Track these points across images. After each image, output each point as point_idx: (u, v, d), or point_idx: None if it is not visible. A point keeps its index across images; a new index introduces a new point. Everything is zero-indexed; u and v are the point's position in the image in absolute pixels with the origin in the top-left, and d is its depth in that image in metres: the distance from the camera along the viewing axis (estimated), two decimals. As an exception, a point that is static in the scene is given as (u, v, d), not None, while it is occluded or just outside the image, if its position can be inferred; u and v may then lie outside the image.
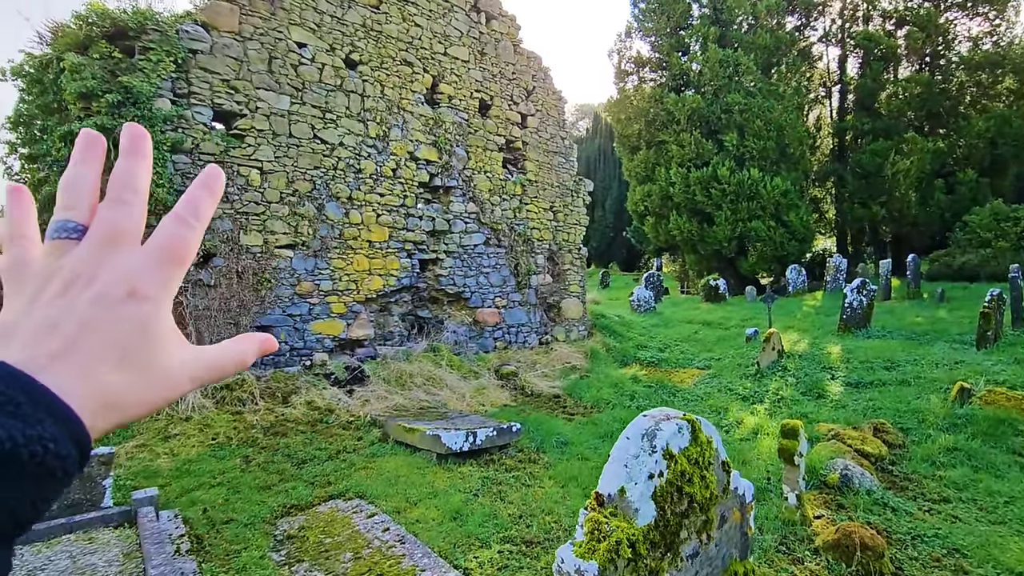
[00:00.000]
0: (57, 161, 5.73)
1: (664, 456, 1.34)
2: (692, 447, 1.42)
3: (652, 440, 1.36)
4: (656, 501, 1.30)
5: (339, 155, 7.58)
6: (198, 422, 5.52)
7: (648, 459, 1.32)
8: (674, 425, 1.41)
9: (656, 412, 1.51)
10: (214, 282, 6.46)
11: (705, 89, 18.54)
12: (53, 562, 3.14)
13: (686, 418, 1.47)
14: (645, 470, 1.29)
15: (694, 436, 1.45)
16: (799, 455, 4.11)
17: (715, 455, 1.52)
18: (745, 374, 8.42)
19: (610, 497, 1.33)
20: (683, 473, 1.37)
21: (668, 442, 1.36)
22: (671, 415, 1.48)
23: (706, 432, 1.51)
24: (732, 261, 19.06)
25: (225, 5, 6.59)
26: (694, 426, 1.47)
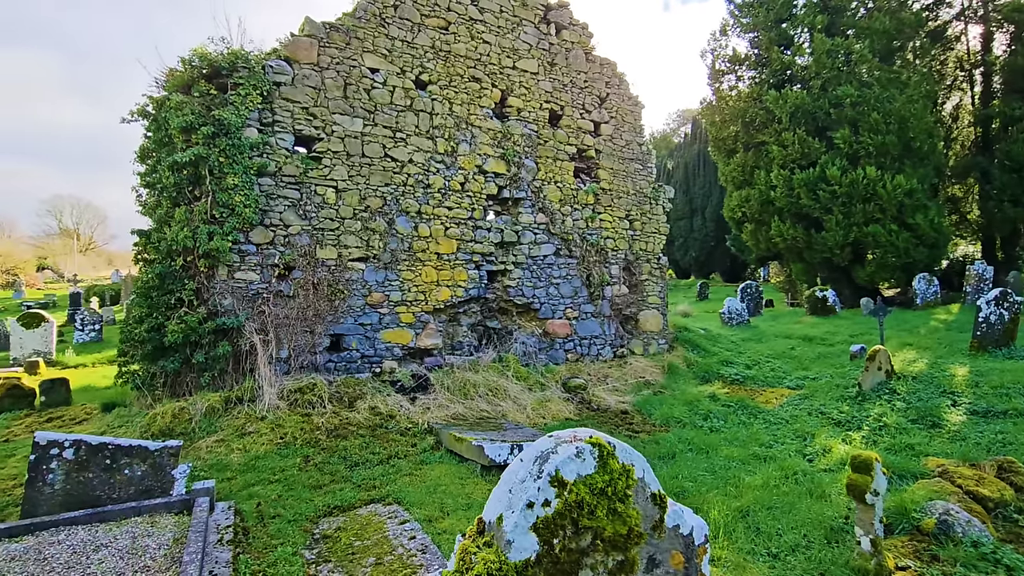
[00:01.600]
0: (165, 188, 6.57)
1: (552, 483, 1.18)
2: (598, 475, 1.24)
3: (543, 464, 1.21)
4: (539, 534, 1.15)
5: (408, 171, 7.92)
6: (271, 422, 5.99)
7: (531, 485, 1.17)
8: (572, 448, 1.24)
9: (565, 433, 1.34)
10: (293, 293, 7.00)
11: (811, 83, 16.97)
12: (117, 540, 3.53)
13: (592, 441, 1.29)
14: (525, 497, 1.15)
15: (602, 462, 1.26)
16: (873, 493, 3.53)
17: (637, 486, 1.31)
18: (843, 396, 7.47)
19: (489, 525, 1.20)
20: (580, 504, 1.19)
21: (559, 467, 1.20)
22: (579, 436, 1.31)
23: (623, 458, 1.31)
24: (846, 270, 17.12)
25: (305, 40, 7.21)
26: (603, 451, 1.28)
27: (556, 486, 1.18)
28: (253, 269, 6.78)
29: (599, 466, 1.25)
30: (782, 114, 16.55)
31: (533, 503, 1.15)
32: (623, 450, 1.31)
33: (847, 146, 15.63)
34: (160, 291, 6.44)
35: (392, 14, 7.85)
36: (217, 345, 6.41)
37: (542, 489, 1.16)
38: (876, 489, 3.54)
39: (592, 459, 1.24)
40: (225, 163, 6.49)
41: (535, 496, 1.15)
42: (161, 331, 6.33)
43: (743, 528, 4.12)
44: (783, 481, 4.98)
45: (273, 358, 6.72)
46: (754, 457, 5.75)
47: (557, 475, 1.19)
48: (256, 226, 6.80)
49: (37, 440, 3.86)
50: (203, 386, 6.43)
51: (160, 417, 5.77)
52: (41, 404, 7.53)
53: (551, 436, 1.34)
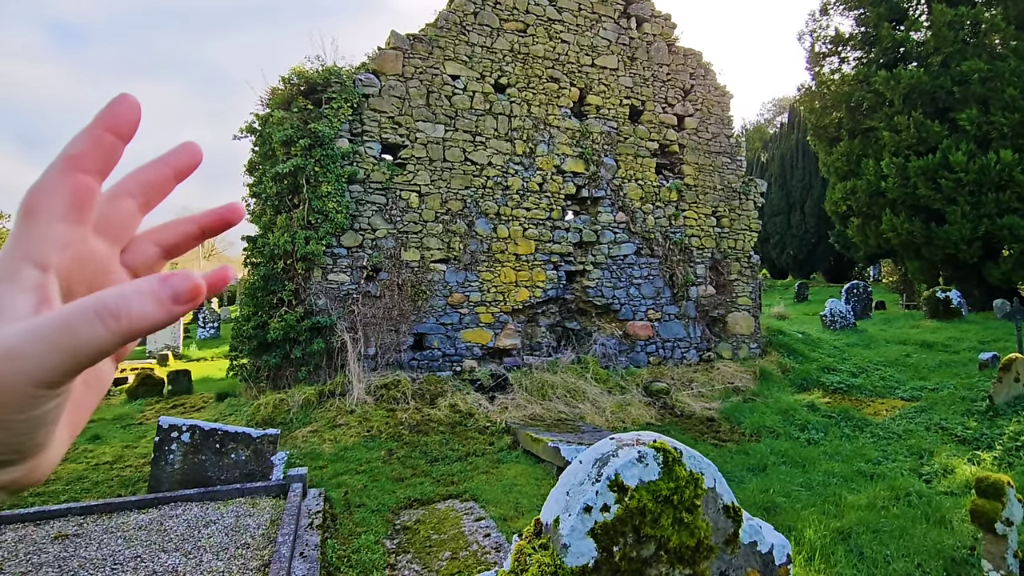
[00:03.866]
0: (269, 196, 7.17)
1: (611, 487, 1.12)
2: (662, 481, 1.16)
3: (602, 467, 1.15)
4: (598, 539, 1.09)
5: (488, 174, 8.05)
6: (359, 415, 6.32)
7: (589, 488, 1.12)
8: (633, 452, 1.17)
9: (627, 436, 1.28)
10: (379, 293, 7.36)
11: (930, 60, 15.20)
12: (224, 518, 3.89)
13: (656, 445, 1.21)
14: (582, 500, 1.10)
15: (667, 468, 1.18)
16: (1005, 522, 3.08)
17: (707, 496, 1.21)
18: (970, 411, 6.61)
19: (546, 527, 1.16)
20: (643, 511, 1.12)
21: (619, 471, 1.13)
22: (642, 440, 1.23)
23: (691, 466, 1.22)
24: (975, 268, 15.13)
25: (391, 52, 7.56)
26: (668, 456, 1.20)
27: (616, 491, 1.13)
28: (344, 271, 7.21)
29: (664, 472, 1.17)
30: (894, 96, 14.97)
31: (591, 507, 1.11)
32: (691, 457, 1.23)
33: (975, 128, 13.83)
34: (264, 292, 7.03)
35: (472, 21, 8.02)
36: (312, 342, 6.88)
37: (600, 493, 1.11)
38: (1009, 518, 3.09)
39: (656, 464, 1.17)
40: (320, 172, 6.95)
41: (593, 500, 1.10)
42: (264, 328, 6.90)
43: (843, 551, 3.76)
44: (893, 502, 4.49)
45: (361, 355, 7.10)
46: (858, 474, 5.24)
47: (617, 479, 1.13)
48: (347, 231, 7.22)
49: (160, 424, 4.34)
50: (300, 380, 6.92)
51: (263, 407, 6.29)
52: (168, 392, 8.48)
53: (612, 438, 1.28)
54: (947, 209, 14.25)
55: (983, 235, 13.93)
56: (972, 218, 13.84)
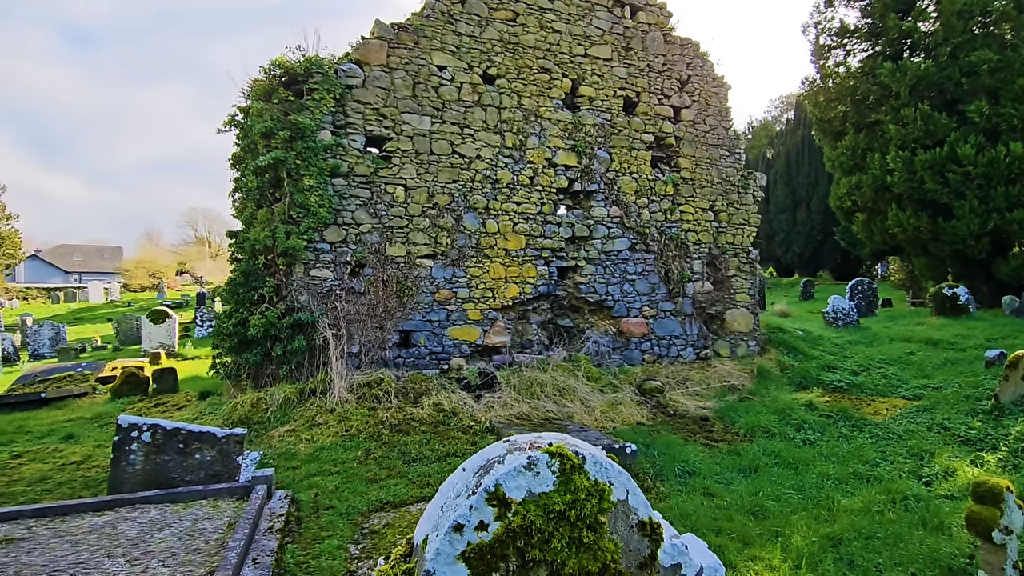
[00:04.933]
0: (250, 191, 7.01)
1: (489, 501, 0.93)
2: (557, 493, 0.96)
3: (483, 476, 0.95)
4: (471, 565, 0.89)
5: (476, 167, 7.85)
6: (339, 414, 6.15)
7: (463, 502, 0.92)
8: (521, 459, 0.97)
9: (524, 438, 1.08)
10: (363, 290, 7.19)
11: (937, 51, 14.83)
12: (181, 521, 3.72)
13: (552, 450, 1.01)
14: (453, 517, 0.90)
15: (563, 478, 0.98)
16: (1004, 531, 2.85)
17: (615, 510, 1.01)
18: (975, 410, 6.34)
19: (416, 549, 0.97)
20: (530, 529, 0.93)
21: (500, 482, 0.94)
22: (538, 443, 1.04)
23: (597, 475, 1.02)
24: (984, 264, 14.76)
25: (375, 42, 7.37)
26: (565, 463, 1.00)
27: (496, 505, 0.94)
28: (327, 267, 7.04)
29: (559, 483, 0.97)
30: (900, 88, 14.62)
31: (463, 526, 0.91)
32: (597, 464, 1.03)
33: (983, 120, 13.47)
34: (245, 288, 6.87)
35: (460, 10, 7.82)
36: (294, 339, 6.71)
37: (476, 508, 0.92)
38: (1008, 526, 2.86)
39: (549, 473, 0.98)
40: (301, 165, 6.78)
41: (465, 516, 0.91)
42: (245, 325, 6.74)
43: (832, 560, 3.54)
44: (889, 506, 4.26)
45: (345, 353, 6.93)
46: (854, 476, 5.00)
47: (498, 491, 0.94)
48: (330, 225, 7.05)
49: (120, 423, 4.18)
50: (282, 378, 6.76)
51: (240, 406, 6.14)
52: (153, 391, 8.35)
53: (507, 441, 1.09)
54: (955, 204, 13.89)
55: (992, 230, 13.57)
56: (980, 213, 13.49)
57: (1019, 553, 2.98)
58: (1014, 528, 2.87)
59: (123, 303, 33.58)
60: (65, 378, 8.95)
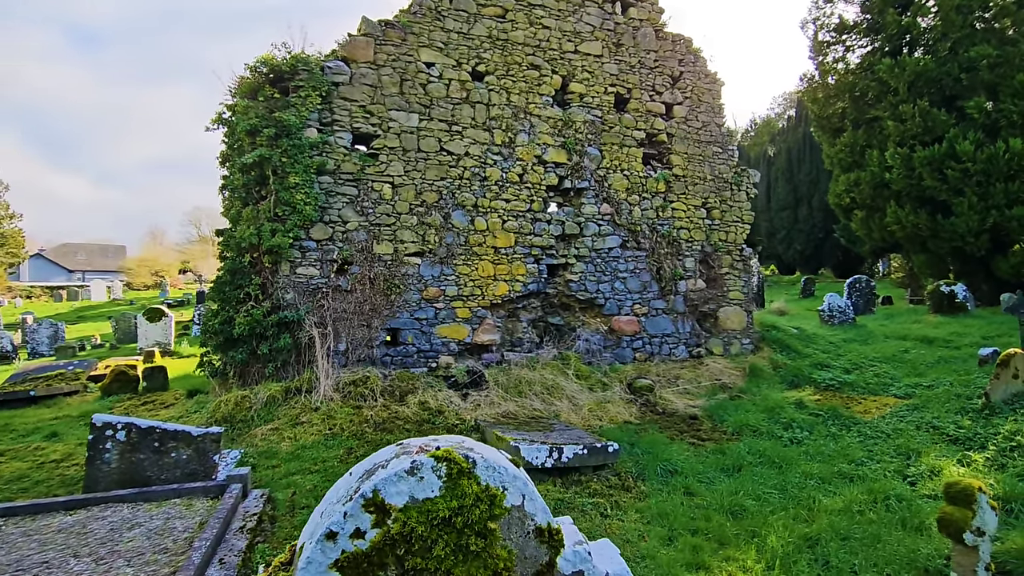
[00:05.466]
0: (236, 189, 6.99)
1: (366, 507, 0.89)
2: (443, 499, 0.92)
3: (363, 481, 0.92)
4: (345, 574, 0.86)
5: (465, 165, 7.81)
6: (324, 413, 6.13)
7: (339, 508, 0.88)
8: (405, 462, 0.93)
9: (417, 441, 1.04)
10: (350, 287, 7.16)
11: (937, 46, 14.70)
12: (152, 520, 3.70)
13: (440, 453, 0.97)
14: (326, 524, 0.87)
15: (450, 483, 0.95)
16: (975, 532, 2.80)
17: (507, 516, 0.97)
18: (965, 409, 6.27)
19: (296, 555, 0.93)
20: (410, 537, 0.89)
21: (379, 487, 0.90)
22: (428, 447, 1.00)
23: (488, 479, 0.98)
24: (983, 262, 14.63)
25: (362, 39, 7.33)
26: (453, 467, 0.96)
27: (374, 512, 0.90)
28: (313, 265, 7.01)
29: (446, 488, 0.94)
30: (899, 84, 14.50)
31: (336, 533, 0.88)
32: (490, 468, 0.99)
33: (983, 116, 13.34)
34: (231, 286, 6.85)
35: (448, 6, 7.78)
36: (279, 337, 6.70)
37: (351, 515, 0.88)
38: (980, 527, 2.81)
39: (435, 478, 0.94)
40: (287, 163, 6.75)
41: (339, 524, 0.87)
42: (231, 324, 6.72)
43: (807, 560, 3.49)
44: (870, 506, 4.21)
45: (331, 351, 6.91)
46: (838, 475, 4.95)
47: (375, 497, 0.90)
48: (316, 223, 7.02)
49: (94, 422, 4.17)
50: (267, 376, 6.75)
51: (224, 404, 6.12)
52: (143, 389, 8.36)
53: (400, 444, 1.05)
54: (954, 200, 13.77)
55: (991, 227, 13.44)
56: (980, 210, 13.36)
57: (992, 555, 2.93)
58: (986, 530, 2.82)
59: (125, 301, 33.72)
60: (56, 376, 8.96)
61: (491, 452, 1.05)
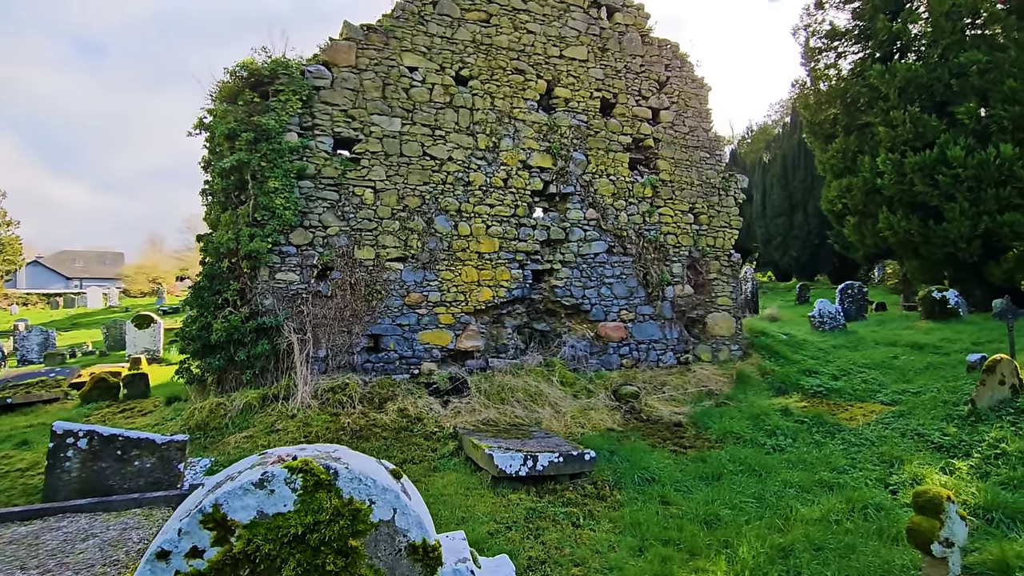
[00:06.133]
0: (215, 193, 6.93)
1: (205, 524, 0.81)
2: (296, 515, 0.85)
3: (211, 493, 0.84)
4: (181, 597, 0.78)
5: (448, 169, 7.76)
6: (300, 420, 6.04)
7: (175, 524, 0.81)
8: (254, 474, 0.86)
9: (283, 450, 0.97)
10: (331, 293, 7.09)
11: (927, 52, 14.73)
12: (108, 531, 3.61)
13: (296, 464, 0.90)
14: (159, 542, 0.79)
15: (306, 496, 0.87)
16: (944, 543, 2.71)
17: (376, 533, 0.90)
18: (951, 415, 6.18)
19: (138, 575, 0.86)
20: (255, 556, 0.82)
21: (221, 501, 0.83)
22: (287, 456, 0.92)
23: (352, 491, 0.90)
24: (976, 267, 14.58)
25: (344, 43, 7.30)
26: (309, 479, 0.88)
27: (214, 528, 0.82)
28: (293, 270, 6.94)
29: (300, 502, 0.86)
30: (889, 90, 14.50)
31: (169, 552, 0.80)
32: (354, 480, 0.91)
33: (973, 121, 13.33)
34: (209, 291, 6.78)
35: (431, 11, 7.76)
36: (258, 344, 6.61)
37: (188, 532, 0.81)
38: (948, 538, 2.72)
39: (288, 491, 0.86)
40: (266, 167, 6.70)
41: (174, 542, 0.80)
42: (209, 330, 6.64)
43: (778, 572, 3.40)
44: (848, 515, 4.12)
45: (311, 357, 6.82)
46: (819, 484, 4.86)
47: (216, 513, 0.82)
48: (296, 228, 6.95)
49: (54, 429, 4.08)
50: (245, 383, 6.66)
51: (198, 412, 6.03)
52: (124, 396, 8.25)
53: (264, 454, 0.98)
54: (945, 206, 13.73)
55: (983, 233, 13.39)
56: (971, 215, 13.32)
57: (963, 567, 2.84)
58: (955, 540, 2.73)
59: (121, 308, 33.62)
60: (37, 383, 8.86)
61: (363, 463, 0.98)
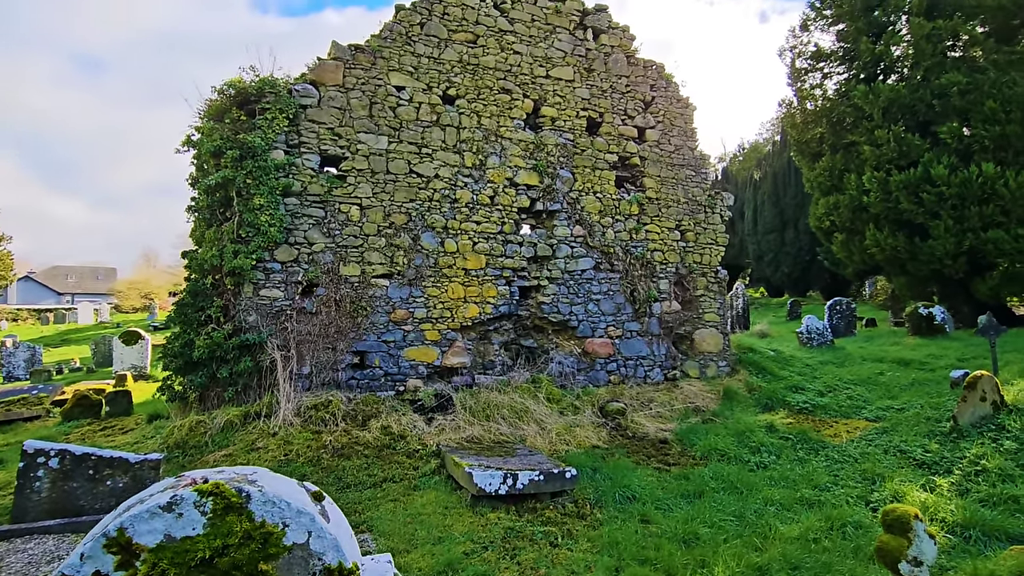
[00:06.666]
0: (199, 210, 6.95)
1: (109, 548, 0.81)
2: (204, 538, 0.85)
3: (115, 519, 0.84)
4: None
5: (434, 187, 7.82)
6: (281, 438, 5.98)
7: (78, 549, 0.81)
8: (162, 498, 0.86)
9: (197, 473, 0.97)
10: (315, 310, 7.07)
11: (910, 74, 15.05)
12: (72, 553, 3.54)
13: (206, 487, 0.90)
14: (59, 568, 0.79)
15: (216, 519, 0.87)
16: (912, 562, 2.70)
17: (289, 557, 0.89)
18: (934, 432, 6.20)
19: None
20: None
21: (126, 525, 0.83)
22: (201, 478, 0.93)
23: (264, 514, 0.90)
24: (963, 284, 14.72)
25: (331, 63, 7.40)
26: (219, 502, 0.88)
27: (118, 552, 0.82)
28: (277, 286, 6.93)
29: (210, 525, 0.86)
30: (873, 110, 14.77)
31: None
32: (268, 502, 0.91)
33: (956, 141, 13.57)
34: (192, 308, 6.76)
35: (418, 32, 7.88)
36: (240, 360, 6.57)
37: (90, 556, 0.80)
38: (917, 557, 2.71)
39: (197, 514, 0.86)
40: (252, 184, 6.73)
41: (76, 567, 0.80)
42: (191, 346, 6.60)
43: (753, 592, 3.36)
44: (826, 534, 4.10)
45: (294, 374, 6.78)
46: (799, 501, 4.84)
47: (121, 536, 0.82)
48: (281, 244, 6.96)
49: (25, 448, 4.03)
50: (227, 400, 6.60)
51: (177, 430, 5.97)
52: (106, 414, 8.17)
53: (179, 476, 0.98)
54: (930, 223, 13.90)
55: (968, 250, 13.55)
56: (956, 232, 13.48)
57: (933, 586, 2.82)
58: (924, 559, 2.72)
59: (112, 324, 33.34)
60: (18, 401, 8.76)
61: (280, 485, 0.98)
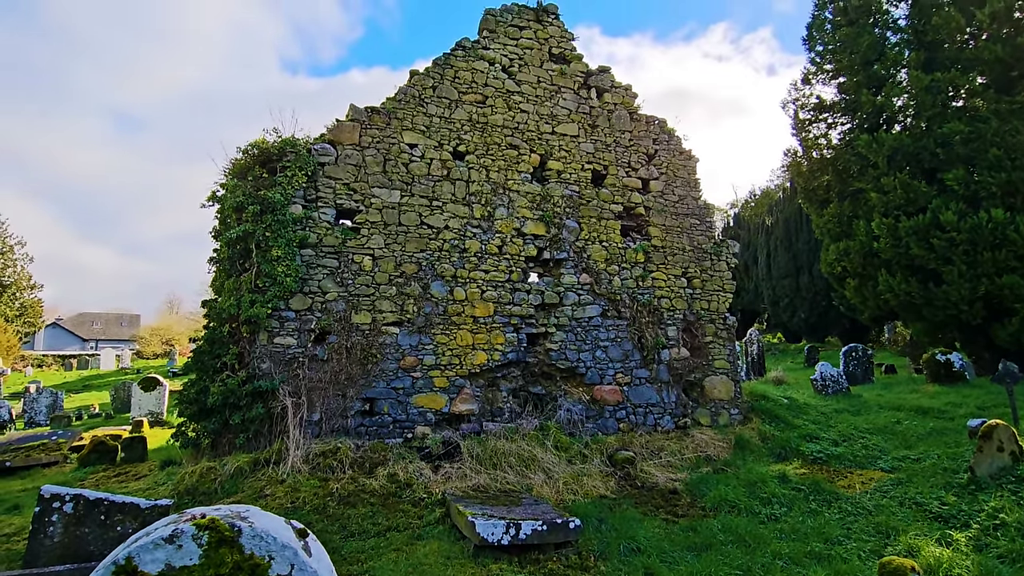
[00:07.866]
0: (220, 261, 7.29)
1: (118, 574, 0.94)
2: (200, 568, 0.97)
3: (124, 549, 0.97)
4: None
5: (444, 237, 8.11)
6: (289, 485, 6.04)
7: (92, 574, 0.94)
8: (166, 530, 0.99)
9: (197, 510, 1.10)
10: (327, 357, 7.26)
11: (912, 123, 15.36)
12: (83, 598, 3.61)
13: (202, 522, 1.03)
14: None
15: (211, 551, 1.00)
16: (911, 616, 2.66)
17: None
18: (951, 483, 6.03)
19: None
20: None
21: (135, 553, 0.95)
22: (197, 516, 1.06)
23: (252, 548, 1.02)
24: (983, 329, 14.44)
25: (348, 123, 7.88)
26: (215, 536, 1.01)
27: (124, 576, 0.95)
28: (291, 334, 7.16)
29: (205, 556, 0.99)
30: (878, 158, 15.00)
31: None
32: (256, 537, 1.04)
33: (962, 187, 13.66)
34: (209, 355, 6.99)
35: (431, 94, 8.39)
36: (253, 407, 6.73)
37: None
38: (915, 611, 2.67)
39: (195, 546, 0.99)
40: (271, 237, 7.08)
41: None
42: (206, 393, 6.79)
43: (756, 648, 3.29)
44: (835, 590, 4.00)
45: (304, 421, 6.90)
46: (809, 555, 4.73)
47: (128, 564, 0.95)
48: (296, 294, 7.23)
49: (42, 493, 4.17)
50: (238, 447, 6.71)
51: (188, 476, 6.07)
52: (121, 460, 8.30)
53: (183, 513, 1.11)
54: (943, 269, 13.81)
55: (984, 295, 13.39)
56: (970, 278, 13.37)
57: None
58: (924, 613, 2.68)
59: (133, 370, 33.89)
60: (38, 447, 8.95)
61: (269, 522, 1.11)
